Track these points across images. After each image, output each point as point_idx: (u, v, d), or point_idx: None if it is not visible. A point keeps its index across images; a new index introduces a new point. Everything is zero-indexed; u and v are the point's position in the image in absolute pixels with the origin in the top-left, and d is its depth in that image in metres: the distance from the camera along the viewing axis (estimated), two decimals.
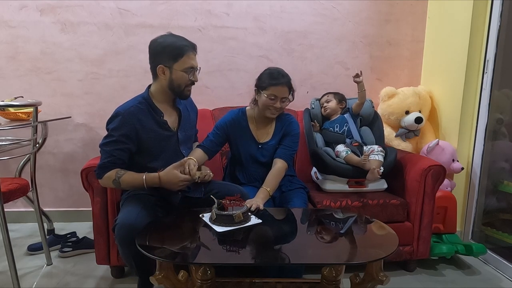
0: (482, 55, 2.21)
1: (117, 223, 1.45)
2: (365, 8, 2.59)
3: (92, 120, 2.55)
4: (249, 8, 2.52)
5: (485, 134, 2.21)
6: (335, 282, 1.51)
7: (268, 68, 1.83)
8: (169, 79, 1.57)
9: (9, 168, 2.47)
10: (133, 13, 2.45)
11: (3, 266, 1.95)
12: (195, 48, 1.60)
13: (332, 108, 2.19)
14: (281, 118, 1.90)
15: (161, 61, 1.55)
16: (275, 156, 1.84)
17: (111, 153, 1.52)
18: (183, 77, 1.57)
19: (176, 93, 1.62)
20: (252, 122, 1.90)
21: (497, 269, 2.08)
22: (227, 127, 1.87)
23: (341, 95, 2.25)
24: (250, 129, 1.89)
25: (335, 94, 2.23)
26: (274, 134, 1.89)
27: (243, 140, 1.88)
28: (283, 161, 1.82)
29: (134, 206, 1.50)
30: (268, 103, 1.76)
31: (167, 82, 1.58)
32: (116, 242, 1.49)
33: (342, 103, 2.21)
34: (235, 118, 1.88)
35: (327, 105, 2.21)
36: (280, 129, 1.89)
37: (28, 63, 2.45)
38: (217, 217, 1.42)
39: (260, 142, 1.88)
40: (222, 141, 1.87)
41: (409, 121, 2.40)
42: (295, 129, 1.89)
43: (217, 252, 1.30)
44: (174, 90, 1.60)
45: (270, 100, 1.75)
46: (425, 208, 1.90)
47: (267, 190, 1.69)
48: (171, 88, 1.59)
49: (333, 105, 2.20)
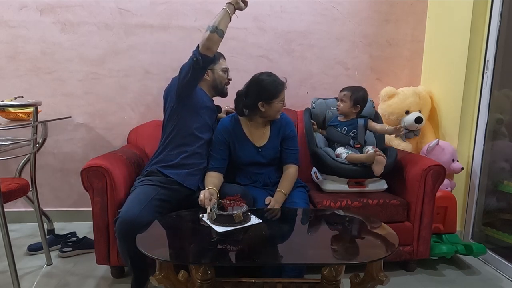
0: (482, 55, 2.21)
1: (119, 216, 1.49)
2: (365, 8, 2.59)
3: (92, 120, 2.55)
4: (249, 8, 2.46)
5: (485, 134, 2.21)
6: (335, 282, 1.51)
7: (260, 79, 1.79)
8: (212, 79, 1.87)
9: (9, 168, 2.47)
10: (133, 13, 2.45)
11: (3, 266, 1.95)
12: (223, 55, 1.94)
13: (344, 111, 2.08)
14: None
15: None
16: (286, 162, 1.89)
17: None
18: (222, 76, 1.89)
19: (218, 91, 1.91)
20: (246, 126, 1.89)
21: (497, 269, 2.08)
22: (224, 137, 1.86)
23: (359, 95, 2.05)
24: (246, 134, 1.88)
25: (352, 94, 2.04)
26: (272, 135, 1.89)
27: (241, 146, 1.87)
28: (295, 165, 1.89)
29: (138, 201, 1.55)
30: (280, 108, 1.83)
31: (211, 82, 1.87)
32: (115, 236, 1.54)
33: (357, 107, 2.05)
34: (229, 126, 1.88)
35: (340, 105, 2.09)
36: (277, 130, 1.89)
37: (28, 63, 2.45)
38: (217, 217, 1.42)
39: (258, 146, 1.88)
40: (227, 153, 1.87)
41: (409, 121, 2.40)
42: (293, 130, 1.93)
43: (217, 252, 1.30)
44: (217, 88, 1.89)
45: (282, 104, 1.82)
46: (425, 208, 1.90)
47: (283, 192, 1.77)
48: (214, 87, 1.88)
49: (346, 109, 2.07)
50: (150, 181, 1.69)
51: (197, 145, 1.81)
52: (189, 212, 1.60)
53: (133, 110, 2.56)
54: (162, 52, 2.48)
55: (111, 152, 1.97)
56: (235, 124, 1.89)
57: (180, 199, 1.72)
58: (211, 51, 1.61)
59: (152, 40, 2.47)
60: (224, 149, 1.86)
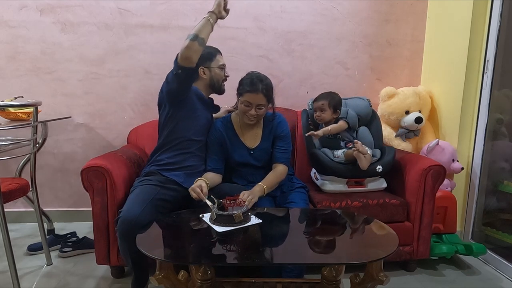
0: (482, 55, 2.21)
1: (120, 216, 1.50)
2: (365, 8, 2.59)
3: (92, 120, 2.55)
4: (249, 8, 2.52)
5: (485, 134, 2.21)
6: (335, 282, 1.51)
7: (249, 73, 1.78)
8: (209, 77, 1.83)
9: (9, 168, 2.47)
10: (133, 13, 2.45)
11: (3, 266, 1.95)
12: (219, 51, 1.88)
13: (326, 119, 2.05)
14: (268, 119, 1.88)
15: (200, 64, 1.74)
16: (275, 161, 1.85)
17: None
18: (219, 74, 1.85)
19: (215, 89, 1.87)
20: (238, 127, 1.87)
21: (497, 269, 2.08)
22: (216, 138, 1.84)
23: (336, 100, 2.04)
24: (238, 136, 1.87)
25: (330, 102, 2.03)
26: (264, 136, 1.87)
27: (233, 147, 1.86)
28: (284, 165, 1.85)
29: (139, 201, 1.55)
30: (243, 110, 1.75)
31: (208, 80, 1.83)
32: (116, 235, 1.54)
33: (337, 113, 2.05)
34: (221, 128, 1.86)
35: (321, 115, 2.05)
36: (269, 131, 1.87)
37: (28, 63, 2.45)
38: (217, 217, 1.42)
39: (250, 147, 1.86)
40: (223, 153, 1.86)
41: (409, 121, 2.40)
42: (285, 130, 1.88)
43: (217, 252, 1.30)
44: (214, 86, 1.85)
45: (245, 107, 1.73)
46: (425, 208, 1.90)
47: (263, 187, 1.71)
48: (211, 85, 1.85)
49: (328, 117, 2.04)
50: (150, 181, 1.69)
51: (195, 148, 1.80)
52: (189, 212, 1.60)
53: (133, 110, 2.56)
54: (162, 52, 2.47)
55: (111, 152, 1.97)
56: (227, 126, 1.87)
57: (179, 199, 1.72)
58: (190, 61, 1.56)
59: (152, 40, 2.47)
60: (219, 150, 1.84)
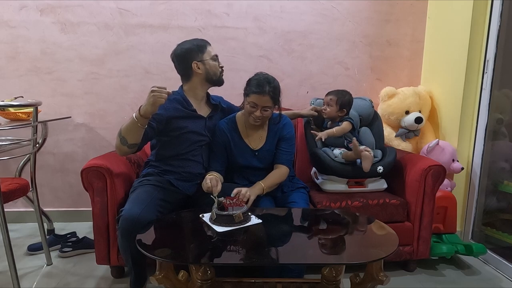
0: (482, 55, 2.21)
1: (121, 214, 1.50)
2: (365, 8, 2.59)
3: (92, 120, 2.55)
4: (249, 8, 2.52)
5: (485, 134, 2.21)
6: (335, 282, 1.51)
7: (258, 73, 1.76)
8: (205, 71, 1.72)
9: (9, 168, 2.47)
10: (133, 13, 2.45)
11: (3, 266, 1.94)
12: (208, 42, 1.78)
13: (330, 115, 2.06)
14: (274, 120, 1.87)
15: (192, 59, 1.69)
16: (277, 162, 1.85)
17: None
18: (214, 65, 1.74)
19: (214, 82, 1.77)
20: (243, 128, 1.86)
21: (497, 269, 2.08)
22: (222, 141, 1.83)
23: (345, 100, 2.04)
24: (242, 137, 1.85)
25: (338, 99, 2.03)
26: (268, 138, 1.86)
27: (237, 148, 1.84)
28: (285, 166, 1.84)
29: (141, 200, 1.56)
30: (248, 110, 1.74)
31: (204, 75, 1.72)
32: (117, 233, 1.55)
33: (343, 111, 2.04)
34: (225, 129, 1.84)
35: (326, 109, 2.06)
36: (274, 132, 1.86)
37: (28, 63, 2.45)
38: (217, 217, 1.42)
39: (254, 149, 1.85)
40: (225, 155, 1.85)
41: (409, 121, 2.40)
42: (289, 132, 1.87)
43: (217, 252, 1.30)
44: (212, 79, 1.75)
45: (251, 108, 1.72)
46: (425, 208, 1.90)
47: (262, 185, 1.71)
48: (208, 79, 1.75)
49: (332, 113, 2.05)
50: (150, 181, 1.69)
51: (190, 155, 1.77)
52: (189, 212, 1.60)
53: (133, 110, 2.47)
54: (162, 52, 2.47)
55: (111, 152, 1.97)
56: (232, 126, 1.86)
57: (179, 200, 1.73)
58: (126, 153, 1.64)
59: (152, 40, 2.48)
60: (222, 153, 1.84)
